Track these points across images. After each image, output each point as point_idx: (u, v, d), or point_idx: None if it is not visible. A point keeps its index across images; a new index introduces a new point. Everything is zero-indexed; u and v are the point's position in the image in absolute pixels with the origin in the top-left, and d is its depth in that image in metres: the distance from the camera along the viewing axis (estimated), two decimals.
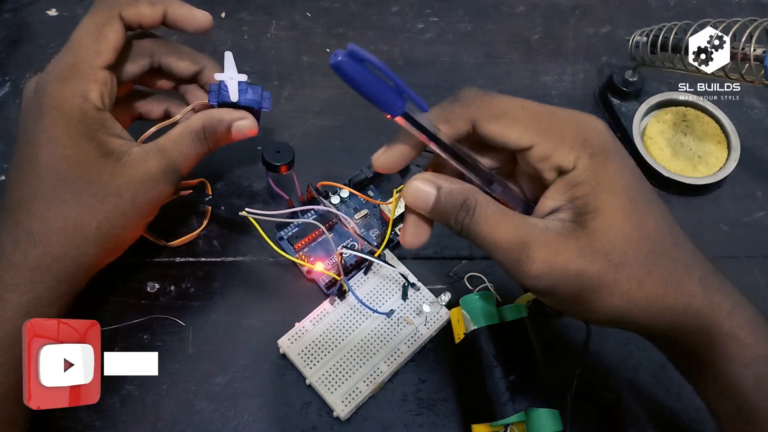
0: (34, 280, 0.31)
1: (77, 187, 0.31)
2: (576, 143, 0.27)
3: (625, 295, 0.27)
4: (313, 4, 0.56)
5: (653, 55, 0.47)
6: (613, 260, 0.26)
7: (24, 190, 0.31)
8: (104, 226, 0.32)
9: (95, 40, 0.32)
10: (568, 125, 0.27)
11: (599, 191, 0.26)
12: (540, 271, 0.26)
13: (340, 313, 0.39)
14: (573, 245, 0.26)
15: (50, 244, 0.31)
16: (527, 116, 0.27)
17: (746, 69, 0.42)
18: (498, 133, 0.27)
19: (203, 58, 0.38)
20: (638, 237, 0.27)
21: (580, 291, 0.26)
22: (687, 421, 0.38)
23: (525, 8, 0.58)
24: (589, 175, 0.26)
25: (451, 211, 0.27)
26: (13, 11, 0.52)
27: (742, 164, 0.48)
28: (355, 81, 0.24)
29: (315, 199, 0.41)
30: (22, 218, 0.31)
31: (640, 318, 0.27)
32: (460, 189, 0.27)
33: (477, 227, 0.27)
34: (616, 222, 0.26)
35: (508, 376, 0.34)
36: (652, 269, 0.27)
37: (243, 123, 0.37)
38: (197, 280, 0.41)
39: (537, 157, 0.27)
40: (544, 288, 0.27)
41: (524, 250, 0.26)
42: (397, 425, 0.37)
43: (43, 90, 0.32)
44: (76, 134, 0.31)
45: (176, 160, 0.34)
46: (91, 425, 0.35)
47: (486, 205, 0.27)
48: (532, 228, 0.27)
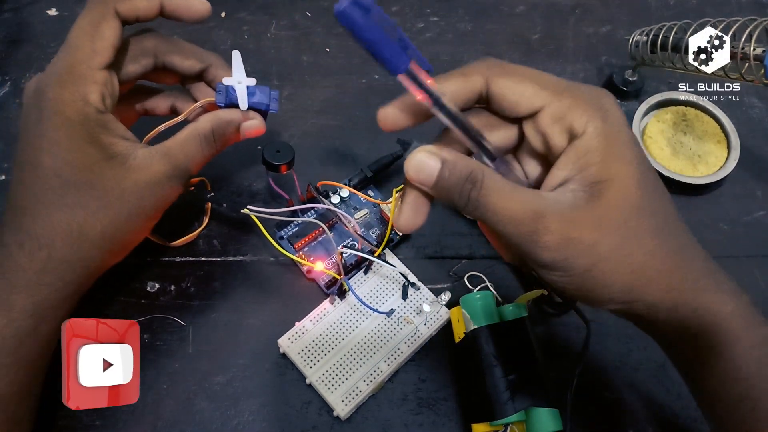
0: (40, 282, 0.30)
1: (81, 192, 0.31)
2: (590, 106, 0.26)
3: (639, 269, 0.26)
4: (313, 4, 0.56)
5: (653, 54, 0.47)
6: (628, 231, 0.26)
7: (28, 194, 0.31)
8: (109, 229, 0.32)
9: (91, 40, 0.32)
10: (582, 90, 0.27)
11: (612, 159, 0.26)
12: (555, 242, 0.25)
13: (340, 313, 0.39)
14: (587, 216, 0.26)
15: (55, 247, 0.31)
16: (542, 78, 0.27)
17: (746, 68, 0.42)
18: (512, 90, 0.27)
19: (209, 55, 0.37)
20: (650, 209, 0.26)
21: (595, 264, 0.26)
22: (687, 420, 0.38)
23: (525, 8, 0.58)
24: (602, 141, 0.26)
25: (456, 184, 0.26)
26: (13, 11, 0.52)
27: (742, 164, 0.48)
28: (358, 30, 0.23)
29: (315, 198, 0.41)
30: (26, 222, 0.31)
31: (650, 295, 0.27)
32: (465, 162, 0.26)
33: (486, 200, 0.26)
34: (629, 192, 0.26)
35: (508, 376, 0.34)
36: (663, 242, 0.27)
37: (251, 123, 0.37)
38: (197, 279, 0.41)
39: (549, 119, 0.27)
40: (559, 261, 0.26)
41: (538, 222, 0.25)
42: (397, 425, 0.37)
43: (42, 94, 0.31)
44: (78, 138, 0.31)
45: (182, 163, 0.34)
46: (92, 425, 0.35)
47: (494, 178, 0.26)
48: (544, 200, 0.26)
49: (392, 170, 0.46)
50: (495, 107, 0.28)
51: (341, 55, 0.53)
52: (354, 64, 0.52)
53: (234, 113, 0.36)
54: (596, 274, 0.26)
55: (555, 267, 0.26)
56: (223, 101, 0.36)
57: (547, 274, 0.27)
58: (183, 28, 0.52)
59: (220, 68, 0.37)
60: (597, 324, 0.40)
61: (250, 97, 0.36)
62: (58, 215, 0.31)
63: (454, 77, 0.28)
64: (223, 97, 0.36)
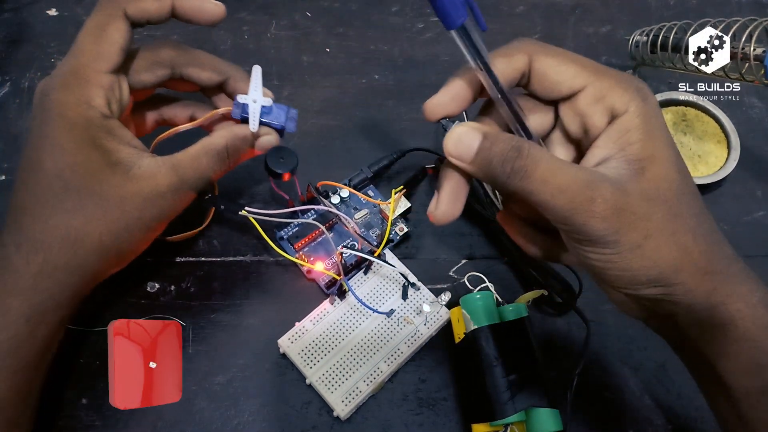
0: (36, 287, 0.30)
1: (81, 196, 0.30)
2: (630, 86, 0.27)
3: (684, 248, 0.26)
4: (313, 4, 0.56)
5: (653, 54, 0.47)
6: (672, 209, 0.26)
7: (29, 195, 0.31)
8: (107, 237, 0.31)
9: (98, 43, 0.31)
10: (620, 73, 0.28)
11: (653, 138, 0.26)
12: (609, 211, 0.25)
13: (340, 313, 0.39)
14: (636, 189, 0.26)
15: (52, 251, 0.30)
16: (582, 60, 0.28)
17: (746, 69, 0.42)
18: (554, 69, 0.27)
19: (229, 67, 0.36)
20: (687, 190, 0.27)
21: (646, 238, 0.26)
22: (687, 420, 0.38)
23: (525, 8, 0.58)
24: (643, 120, 0.26)
25: (499, 155, 0.25)
26: (13, 11, 0.52)
27: (742, 164, 0.48)
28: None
29: (315, 198, 0.41)
30: (25, 223, 0.30)
31: (691, 277, 0.27)
32: (507, 136, 0.26)
33: (535, 169, 0.25)
34: (670, 171, 0.26)
35: (508, 376, 0.34)
36: (700, 223, 0.27)
37: (266, 140, 0.36)
38: (197, 279, 0.41)
39: (590, 98, 0.27)
40: (611, 233, 0.25)
41: (593, 190, 0.25)
42: (397, 425, 0.37)
43: (47, 96, 0.31)
44: (81, 142, 0.30)
45: (190, 178, 0.33)
46: (92, 425, 0.35)
47: (540, 149, 0.26)
48: (594, 172, 0.26)
49: (392, 170, 0.46)
50: (536, 87, 0.29)
51: (341, 55, 0.53)
52: (354, 64, 0.52)
53: (249, 129, 0.35)
54: (645, 250, 0.26)
55: (604, 240, 0.26)
56: (239, 115, 0.35)
57: (592, 253, 0.27)
58: (183, 28, 0.52)
59: (240, 81, 0.36)
60: (597, 324, 0.41)
61: (266, 115, 0.36)
62: (57, 219, 0.30)
63: (498, 56, 0.28)
64: (239, 111, 0.35)
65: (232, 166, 0.36)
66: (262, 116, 0.36)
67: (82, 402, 0.36)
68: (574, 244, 0.28)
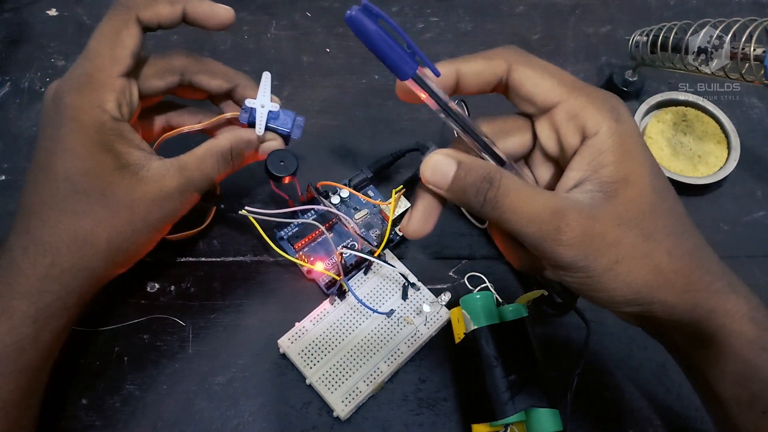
0: (43, 289, 0.30)
1: (90, 199, 0.31)
2: (604, 106, 0.27)
3: (658, 268, 0.26)
4: (313, 4, 0.56)
5: (653, 54, 0.47)
6: (645, 231, 0.26)
7: (38, 197, 0.31)
8: (115, 240, 0.31)
9: (111, 47, 0.31)
10: (596, 92, 0.28)
11: (626, 159, 0.26)
12: (577, 239, 0.25)
13: (340, 313, 0.39)
14: (607, 214, 0.26)
15: (60, 254, 0.30)
16: (561, 75, 0.28)
17: (746, 69, 0.42)
18: (531, 80, 0.28)
19: (237, 75, 0.37)
20: (664, 209, 0.27)
21: (617, 262, 0.26)
22: (687, 420, 0.38)
23: (525, 8, 0.58)
24: (616, 141, 0.26)
25: (473, 185, 0.26)
26: (13, 11, 0.52)
27: (742, 164, 0.48)
28: (367, 35, 0.24)
29: (315, 199, 0.41)
30: (33, 226, 0.31)
31: (669, 295, 0.27)
32: (482, 163, 0.26)
33: (504, 200, 0.26)
34: (644, 192, 0.26)
35: (509, 376, 0.34)
36: (678, 242, 0.27)
37: (271, 144, 0.36)
38: (197, 280, 0.41)
39: (564, 115, 0.27)
40: (579, 260, 0.26)
41: (559, 219, 0.25)
42: (397, 425, 0.37)
43: (60, 99, 0.31)
44: (93, 145, 0.31)
45: (196, 179, 0.34)
46: (92, 425, 0.35)
47: (512, 178, 0.26)
48: (562, 199, 0.26)
49: (392, 170, 0.46)
50: (511, 95, 0.29)
51: (341, 55, 0.53)
52: (354, 64, 0.52)
53: (254, 133, 0.36)
54: (618, 274, 0.26)
55: (575, 266, 0.26)
56: (247, 120, 0.36)
57: (566, 276, 0.27)
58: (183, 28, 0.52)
59: (248, 89, 0.37)
60: (597, 324, 0.41)
61: (272, 120, 0.36)
62: (66, 222, 0.30)
63: (478, 59, 0.29)
64: (247, 115, 0.36)
65: (236, 168, 0.36)
66: (269, 121, 0.36)
67: (82, 402, 0.36)
68: (549, 266, 0.28)
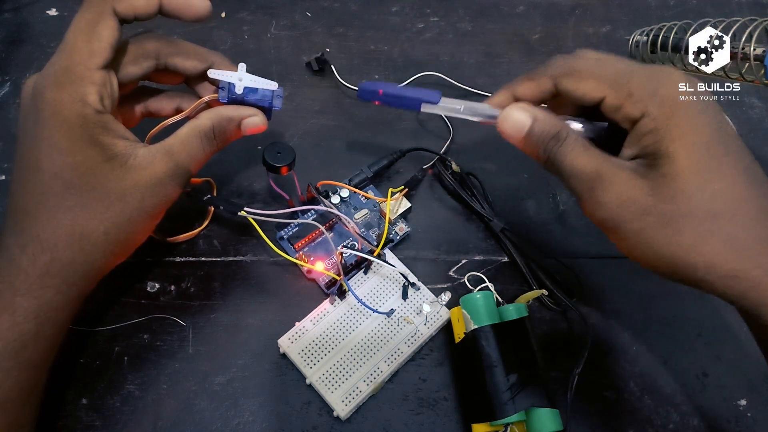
0: (44, 285, 0.30)
1: (82, 194, 0.31)
2: (643, 94, 0.29)
3: (692, 250, 0.27)
4: (313, 4, 0.56)
5: (653, 54, 0.47)
6: (680, 208, 0.27)
7: (29, 197, 0.31)
8: (112, 231, 0.32)
9: (88, 40, 0.31)
10: (640, 77, 0.30)
11: (670, 139, 0.28)
12: (610, 200, 0.29)
13: (340, 313, 0.39)
14: (644, 183, 0.28)
15: (58, 250, 0.30)
16: (602, 71, 0.31)
17: (746, 69, 0.42)
18: (573, 87, 0.31)
19: (212, 54, 0.37)
20: (710, 192, 0.27)
21: (643, 229, 0.28)
22: (687, 420, 0.38)
23: (525, 8, 0.58)
24: (658, 123, 0.28)
25: (544, 140, 0.31)
26: (13, 11, 0.52)
27: None
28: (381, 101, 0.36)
29: (315, 198, 0.41)
30: (28, 225, 0.31)
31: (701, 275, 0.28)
32: (554, 121, 0.31)
33: (562, 156, 0.30)
34: (686, 172, 0.27)
35: (509, 376, 0.34)
36: (715, 229, 0.27)
37: (252, 120, 0.36)
38: (197, 279, 0.41)
39: (610, 108, 0.30)
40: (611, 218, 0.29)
41: (599, 180, 0.29)
42: (397, 425, 0.37)
43: (40, 96, 0.31)
44: (78, 140, 0.31)
45: (184, 161, 0.34)
46: (91, 425, 0.35)
47: (576, 138, 0.30)
48: (610, 163, 0.30)
49: (392, 170, 0.46)
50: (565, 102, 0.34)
51: (341, 55, 0.53)
52: (354, 64, 0.52)
53: (234, 109, 0.36)
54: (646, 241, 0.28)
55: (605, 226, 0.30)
56: (226, 98, 0.36)
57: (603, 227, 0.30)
58: (183, 28, 0.52)
59: (224, 67, 0.36)
60: (597, 324, 0.41)
61: (251, 95, 0.36)
62: (61, 218, 0.30)
63: (525, 82, 0.33)
64: (225, 93, 0.36)
65: (220, 147, 0.36)
66: (247, 95, 0.36)
67: (82, 402, 0.36)
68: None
